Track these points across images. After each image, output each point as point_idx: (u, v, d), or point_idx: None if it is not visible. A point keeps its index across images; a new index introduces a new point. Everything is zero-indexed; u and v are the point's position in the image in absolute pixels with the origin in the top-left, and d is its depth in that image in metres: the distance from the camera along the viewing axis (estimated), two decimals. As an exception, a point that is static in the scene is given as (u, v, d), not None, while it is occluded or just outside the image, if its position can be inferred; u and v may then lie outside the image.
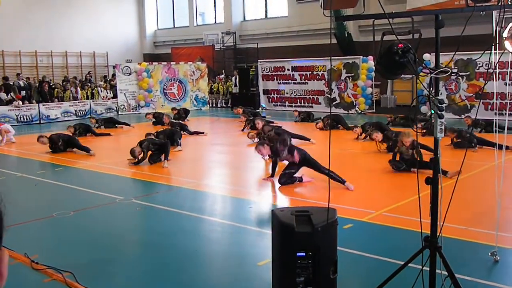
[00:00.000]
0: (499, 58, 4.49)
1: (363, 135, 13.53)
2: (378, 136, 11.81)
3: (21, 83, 22.43)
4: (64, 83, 24.56)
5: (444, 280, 3.91)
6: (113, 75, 26.27)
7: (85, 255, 5.56)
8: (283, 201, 7.90)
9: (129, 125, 17.92)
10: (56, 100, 22.34)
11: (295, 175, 8.58)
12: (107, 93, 24.27)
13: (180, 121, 17.06)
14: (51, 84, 24.09)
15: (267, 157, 9.34)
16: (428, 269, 3.93)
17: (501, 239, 5.24)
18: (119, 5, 32.08)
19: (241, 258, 5.47)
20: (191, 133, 15.26)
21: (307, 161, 8.50)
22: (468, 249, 5.50)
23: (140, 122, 19.25)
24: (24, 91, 22.15)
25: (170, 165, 10.51)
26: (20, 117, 20.10)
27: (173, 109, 20.14)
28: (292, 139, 10.97)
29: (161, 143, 11.00)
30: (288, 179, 8.47)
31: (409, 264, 4.11)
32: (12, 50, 26.57)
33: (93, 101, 22.86)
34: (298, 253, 3.90)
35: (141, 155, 10.50)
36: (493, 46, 4.29)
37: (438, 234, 3.91)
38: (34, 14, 27.21)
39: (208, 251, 5.76)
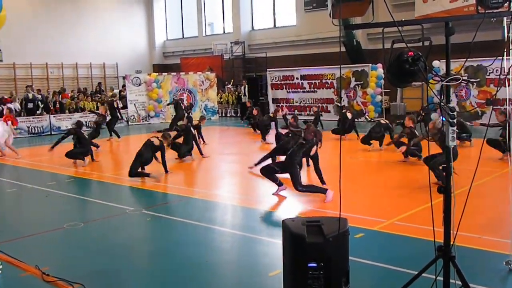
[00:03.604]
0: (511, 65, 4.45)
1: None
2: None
3: (30, 95, 22.61)
4: (78, 94, 24.80)
5: (458, 290, 3.86)
6: (123, 86, 26.43)
7: (95, 266, 5.55)
8: (294, 211, 7.85)
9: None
10: (67, 111, 22.56)
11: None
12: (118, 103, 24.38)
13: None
14: (71, 96, 24.44)
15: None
16: (441, 279, 3.87)
17: (515, 248, 5.15)
18: (128, 16, 32.34)
19: (252, 268, 5.43)
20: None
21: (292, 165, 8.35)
22: (482, 258, 5.42)
23: (150, 133, 19.29)
24: (32, 104, 22.33)
25: (179, 175, 10.51)
26: (32, 129, 20.29)
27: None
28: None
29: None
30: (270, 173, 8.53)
31: (423, 274, 4.05)
32: (23, 63, 26.83)
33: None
34: (309, 263, 3.86)
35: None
36: (505, 52, 4.25)
37: (451, 243, 3.85)
38: (45, 26, 27.49)
39: (219, 261, 5.73)
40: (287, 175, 8.29)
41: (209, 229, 6.86)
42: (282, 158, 9.35)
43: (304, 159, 9.80)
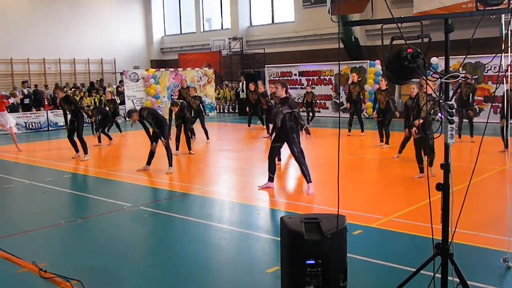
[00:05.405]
0: (510, 62, 4.44)
1: None
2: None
3: (25, 91, 22.54)
4: (73, 89, 24.72)
5: (456, 287, 3.86)
6: (121, 81, 26.36)
7: (93, 262, 5.54)
8: (292, 208, 7.85)
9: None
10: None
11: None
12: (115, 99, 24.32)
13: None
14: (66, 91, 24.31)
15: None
16: (440, 276, 3.87)
17: (513, 245, 5.16)
18: (126, 12, 32.26)
19: (250, 265, 5.43)
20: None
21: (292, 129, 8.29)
22: (480, 255, 5.43)
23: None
24: (29, 99, 22.24)
25: (177, 171, 10.49)
26: (29, 124, 20.23)
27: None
28: None
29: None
30: (275, 154, 8.74)
31: (421, 271, 4.05)
32: (21, 58, 26.77)
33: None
34: (307, 260, 3.85)
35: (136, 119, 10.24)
36: (503, 50, 4.24)
37: (449, 240, 3.85)
38: (42, 21, 27.42)
39: (217, 258, 5.72)
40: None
41: (207, 225, 6.85)
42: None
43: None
